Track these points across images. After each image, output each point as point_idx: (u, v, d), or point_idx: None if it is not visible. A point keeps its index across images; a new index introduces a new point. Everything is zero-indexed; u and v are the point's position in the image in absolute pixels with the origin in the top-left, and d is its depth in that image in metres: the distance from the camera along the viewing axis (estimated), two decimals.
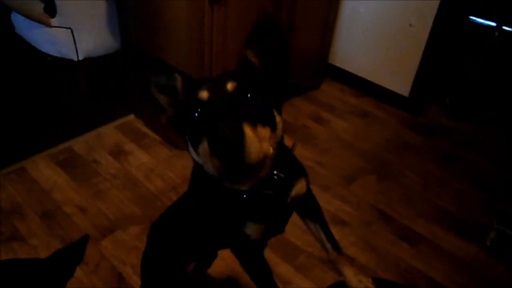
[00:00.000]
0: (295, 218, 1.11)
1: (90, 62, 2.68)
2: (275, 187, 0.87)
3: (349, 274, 1.05)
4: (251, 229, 0.91)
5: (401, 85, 2.88)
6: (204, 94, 0.76)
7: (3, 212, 1.96)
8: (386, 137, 2.68)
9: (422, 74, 2.78)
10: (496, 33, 2.76)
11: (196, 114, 0.76)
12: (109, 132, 2.50)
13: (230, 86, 0.76)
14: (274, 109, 0.80)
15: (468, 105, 2.98)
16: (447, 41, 2.70)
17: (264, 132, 0.74)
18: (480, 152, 2.62)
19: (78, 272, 1.60)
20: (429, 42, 2.65)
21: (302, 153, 2.44)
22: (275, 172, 0.86)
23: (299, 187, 0.96)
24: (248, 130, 0.69)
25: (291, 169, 0.91)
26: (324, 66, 3.05)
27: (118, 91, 2.73)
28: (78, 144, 2.39)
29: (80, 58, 2.62)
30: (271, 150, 0.76)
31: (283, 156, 0.88)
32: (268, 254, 1.83)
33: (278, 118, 0.80)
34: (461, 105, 2.97)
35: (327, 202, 2.13)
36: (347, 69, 3.11)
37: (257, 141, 0.71)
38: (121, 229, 1.92)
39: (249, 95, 0.76)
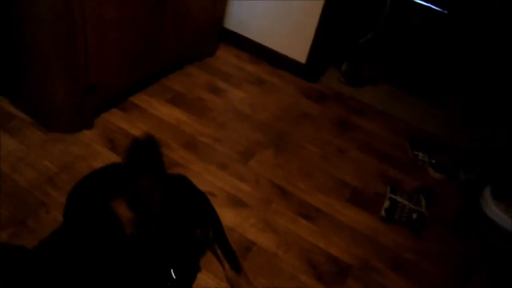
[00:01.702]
0: None
1: None
2: None
3: None
4: None
5: (299, 52, 2.80)
6: None
7: None
8: (283, 106, 2.60)
9: (319, 40, 2.71)
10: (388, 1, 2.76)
11: None
12: None
13: None
14: None
15: (363, 71, 3.00)
16: (343, 7, 2.65)
17: None
18: (374, 120, 2.67)
19: None
20: (325, 7, 2.56)
21: (198, 129, 2.27)
22: None
23: None
24: None
25: None
26: (218, 31, 2.85)
27: None
28: None
29: None
30: None
31: None
32: None
33: None
34: (357, 71, 2.98)
35: (225, 182, 2.01)
36: (243, 34, 2.94)
37: None
38: None
39: None
